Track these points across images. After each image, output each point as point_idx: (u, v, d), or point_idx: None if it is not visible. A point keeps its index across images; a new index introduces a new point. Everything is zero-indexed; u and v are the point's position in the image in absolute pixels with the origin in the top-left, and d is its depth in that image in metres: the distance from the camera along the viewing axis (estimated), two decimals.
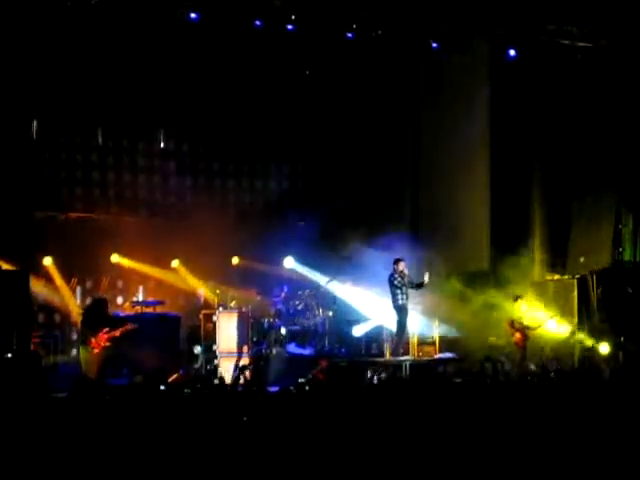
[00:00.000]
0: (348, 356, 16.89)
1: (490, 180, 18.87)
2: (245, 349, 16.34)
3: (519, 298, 16.35)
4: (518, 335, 15.91)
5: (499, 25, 17.53)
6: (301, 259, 18.80)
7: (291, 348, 17.23)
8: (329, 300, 18.10)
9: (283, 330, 17.59)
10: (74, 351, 16.90)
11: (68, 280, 17.75)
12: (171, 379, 13.67)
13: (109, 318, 14.70)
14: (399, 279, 15.51)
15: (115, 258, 18.10)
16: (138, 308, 17.41)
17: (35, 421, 7.72)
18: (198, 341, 17.02)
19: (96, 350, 13.97)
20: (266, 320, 17.59)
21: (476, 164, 18.98)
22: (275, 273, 19.03)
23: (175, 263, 18.66)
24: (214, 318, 16.73)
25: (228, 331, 16.48)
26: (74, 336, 17.58)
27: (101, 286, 17.98)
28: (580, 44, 18.00)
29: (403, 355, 15.91)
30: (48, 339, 16.72)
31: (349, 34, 17.27)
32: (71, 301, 17.71)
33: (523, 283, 17.24)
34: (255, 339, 17.02)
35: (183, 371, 15.61)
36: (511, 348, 16.07)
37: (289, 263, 18.90)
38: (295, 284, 18.60)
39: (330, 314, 18.01)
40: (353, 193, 20.26)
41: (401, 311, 15.57)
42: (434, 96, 19.14)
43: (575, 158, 18.36)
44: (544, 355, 16.19)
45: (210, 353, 16.66)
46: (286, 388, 9.86)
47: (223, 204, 20.00)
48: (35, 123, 17.91)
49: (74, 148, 18.78)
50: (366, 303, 17.78)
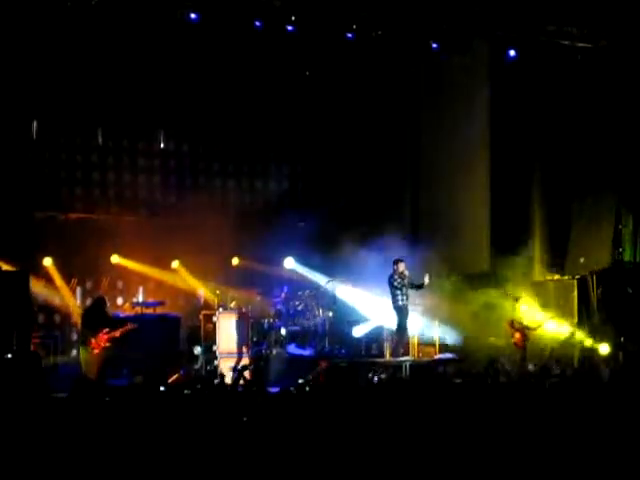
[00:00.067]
0: (348, 357, 16.85)
1: (490, 181, 18.85)
2: (245, 349, 16.35)
3: (516, 298, 16.34)
4: (518, 335, 15.89)
5: (499, 26, 17.50)
6: (301, 259, 18.80)
7: (291, 349, 17.23)
8: (329, 301, 18.06)
9: (283, 331, 17.60)
10: (74, 352, 16.92)
11: (68, 281, 17.77)
12: (171, 380, 13.69)
13: (109, 319, 14.71)
14: (398, 280, 15.49)
15: (115, 259, 18.13)
16: (138, 309, 17.44)
17: (35, 421, 7.72)
18: (198, 342, 17.02)
19: (96, 350, 13.98)
20: (266, 321, 17.59)
21: (476, 165, 18.97)
22: (275, 274, 19.04)
23: (175, 264, 18.68)
24: (214, 319, 16.73)
25: (228, 332, 16.48)
26: (74, 337, 17.62)
27: (101, 287, 17.96)
28: (580, 45, 17.96)
29: (403, 355, 15.89)
30: (48, 340, 16.72)
31: (349, 34, 17.24)
32: (71, 302, 17.74)
33: (523, 283, 17.23)
34: (255, 340, 17.03)
35: (183, 372, 15.62)
36: (511, 348, 16.06)
37: (289, 263, 18.89)
38: (295, 285, 18.60)
39: (330, 315, 17.98)
40: (353, 193, 20.27)
41: (401, 312, 15.56)
42: (434, 97, 19.16)
43: (575, 159, 18.33)
44: (544, 355, 16.17)
45: (210, 354, 16.66)
46: (286, 389, 9.84)
47: (223, 204, 19.95)
48: (35, 123, 17.94)
49: (74, 148, 18.81)
50: (366, 304, 17.76)
